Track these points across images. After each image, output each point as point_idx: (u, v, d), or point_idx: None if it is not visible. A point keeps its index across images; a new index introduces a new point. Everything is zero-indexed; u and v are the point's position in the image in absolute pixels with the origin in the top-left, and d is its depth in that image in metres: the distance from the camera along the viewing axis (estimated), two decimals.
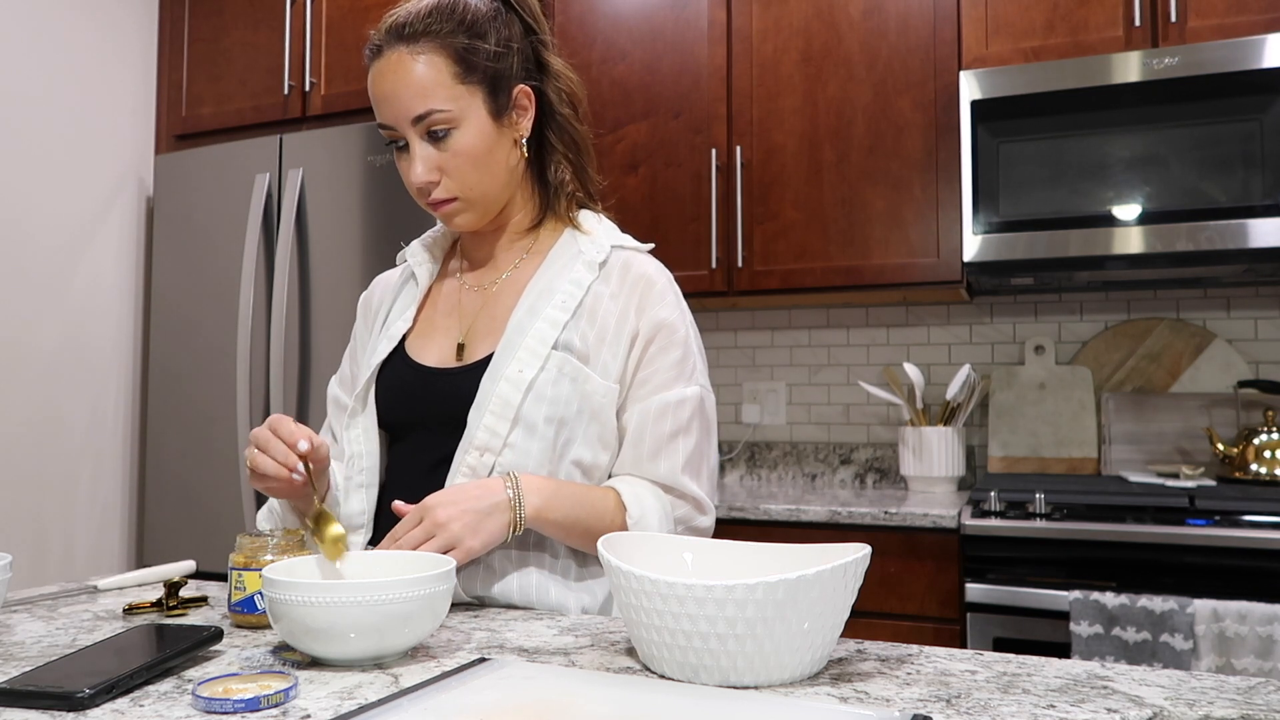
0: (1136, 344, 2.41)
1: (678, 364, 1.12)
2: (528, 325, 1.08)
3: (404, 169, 1.11)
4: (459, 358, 1.13)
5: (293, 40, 2.68)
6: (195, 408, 2.61)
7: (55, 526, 2.59)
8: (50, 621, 0.95)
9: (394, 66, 1.07)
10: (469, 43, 1.07)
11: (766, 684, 0.71)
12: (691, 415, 1.12)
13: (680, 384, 1.12)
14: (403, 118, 1.07)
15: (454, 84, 1.06)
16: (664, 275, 1.17)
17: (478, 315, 1.15)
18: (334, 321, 2.43)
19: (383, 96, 1.08)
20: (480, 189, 1.10)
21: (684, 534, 1.12)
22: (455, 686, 0.70)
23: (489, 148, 1.09)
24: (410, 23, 1.06)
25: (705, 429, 1.14)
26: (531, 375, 1.05)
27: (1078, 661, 0.78)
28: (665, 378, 1.12)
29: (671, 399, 1.11)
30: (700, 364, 1.16)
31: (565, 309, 1.09)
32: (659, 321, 1.12)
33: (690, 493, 1.12)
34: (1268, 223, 1.93)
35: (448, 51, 1.06)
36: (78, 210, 2.67)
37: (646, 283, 1.13)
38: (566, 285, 1.11)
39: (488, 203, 1.12)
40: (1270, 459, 2.10)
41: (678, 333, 1.13)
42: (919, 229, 2.28)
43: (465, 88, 1.07)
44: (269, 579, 0.77)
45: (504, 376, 1.06)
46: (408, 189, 1.12)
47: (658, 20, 2.53)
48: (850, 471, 2.66)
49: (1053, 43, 2.16)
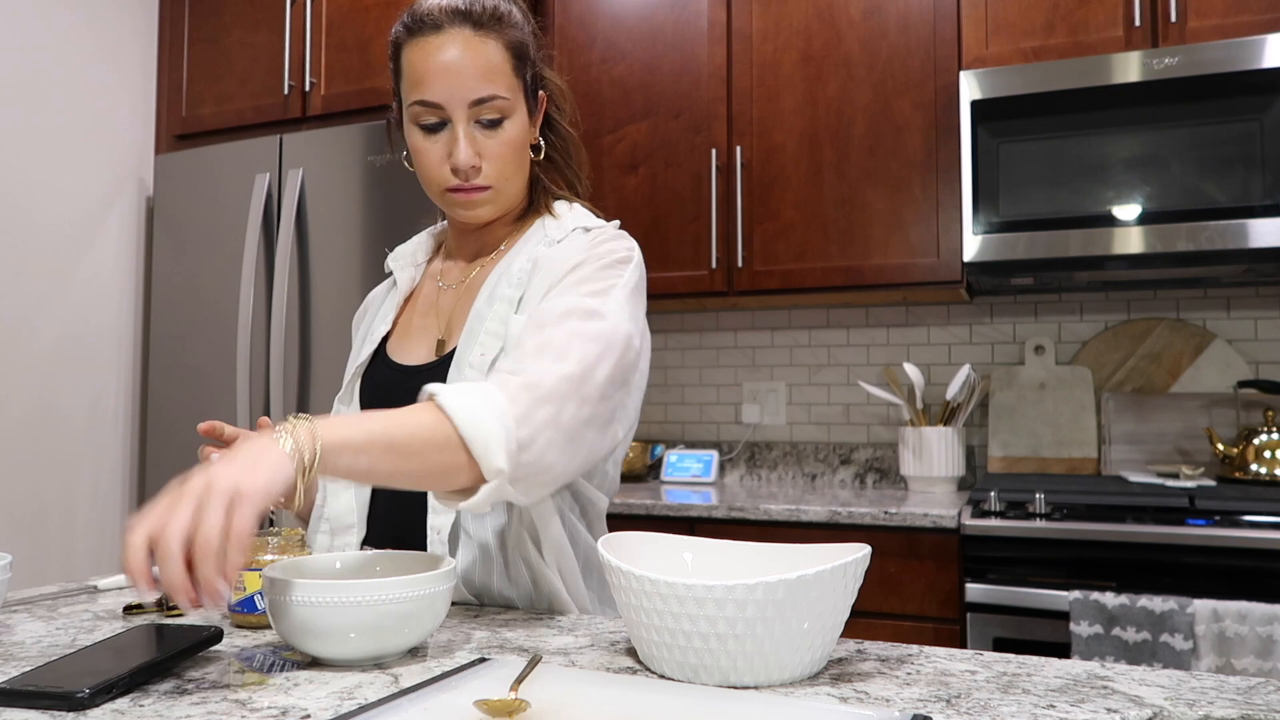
0: (1136, 344, 2.41)
1: (585, 282, 1.01)
2: (486, 311, 1.08)
3: (434, 151, 1.09)
4: (438, 354, 1.13)
5: (293, 40, 2.68)
6: (195, 408, 2.61)
7: (55, 526, 2.59)
8: (50, 621, 0.95)
9: (461, 45, 1.06)
10: (523, 40, 1.10)
11: (766, 684, 0.71)
12: (566, 313, 0.97)
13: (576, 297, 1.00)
14: (461, 97, 1.06)
15: (513, 76, 1.09)
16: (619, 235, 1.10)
17: (453, 311, 1.16)
18: (334, 321, 2.43)
19: (440, 70, 1.06)
20: (512, 181, 1.12)
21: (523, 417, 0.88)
22: (455, 686, 0.70)
23: (525, 143, 1.13)
24: (474, 9, 1.07)
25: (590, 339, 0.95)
26: (493, 355, 1.04)
27: (1078, 661, 0.78)
28: (566, 291, 1.01)
29: (549, 304, 0.99)
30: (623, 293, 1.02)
31: (518, 285, 1.08)
32: (586, 257, 1.05)
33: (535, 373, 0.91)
34: (1268, 223, 1.93)
35: (509, 44, 1.09)
36: (78, 210, 2.67)
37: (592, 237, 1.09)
38: (522, 263, 1.10)
39: (511, 196, 1.14)
40: (1270, 459, 2.10)
41: (602, 261, 1.04)
42: (919, 229, 2.28)
43: (518, 81, 1.10)
44: (269, 579, 0.77)
45: (468, 363, 1.05)
46: (430, 172, 1.10)
47: (658, 20, 2.53)
48: (850, 471, 2.66)
49: (1053, 43, 2.16)
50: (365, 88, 2.59)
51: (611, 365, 0.96)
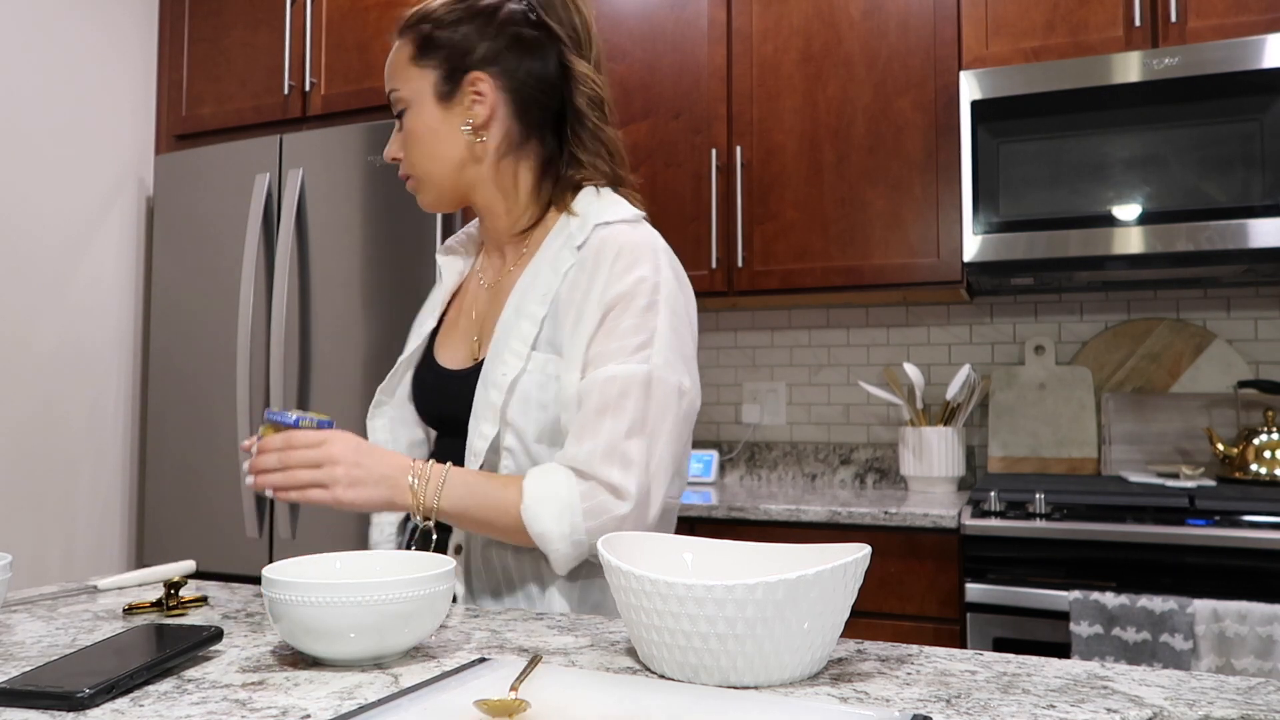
0: (1136, 344, 2.41)
1: (626, 335, 1.03)
2: (513, 325, 1.09)
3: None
4: (473, 359, 1.16)
5: (293, 40, 2.68)
6: (195, 408, 2.61)
7: (55, 526, 2.59)
8: (50, 621, 0.95)
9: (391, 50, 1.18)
10: (430, 30, 1.13)
11: (766, 684, 0.71)
12: (623, 394, 1.01)
13: (621, 359, 1.02)
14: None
15: (409, 66, 1.14)
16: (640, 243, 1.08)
17: (486, 314, 1.18)
18: (334, 321, 2.43)
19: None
20: (425, 169, 1.15)
21: (596, 528, 1.00)
22: (455, 686, 0.70)
23: (433, 129, 1.14)
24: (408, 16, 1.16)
25: (645, 412, 1.01)
26: (514, 376, 1.06)
27: (1078, 661, 0.78)
28: (610, 351, 1.03)
29: (602, 375, 1.02)
30: (663, 340, 1.04)
31: (544, 302, 1.09)
32: (618, 293, 1.04)
33: (606, 480, 1.00)
34: (1268, 223, 1.93)
35: (411, 36, 1.14)
36: (78, 210, 2.67)
37: (614, 255, 1.06)
38: (547, 275, 1.10)
39: (440, 184, 1.16)
40: (1270, 459, 2.09)
41: (635, 301, 1.04)
42: (919, 229, 2.28)
43: (417, 69, 1.14)
44: (268, 579, 0.77)
45: (491, 382, 1.07)
46: None
47: (658, 20, 2.53)
48: (850, 471, 2.66)
49: (1053, 43, 2.16)
50: (365, 88, 2.59)
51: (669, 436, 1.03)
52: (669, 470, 1.04)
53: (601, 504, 1.00)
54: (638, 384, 1.01)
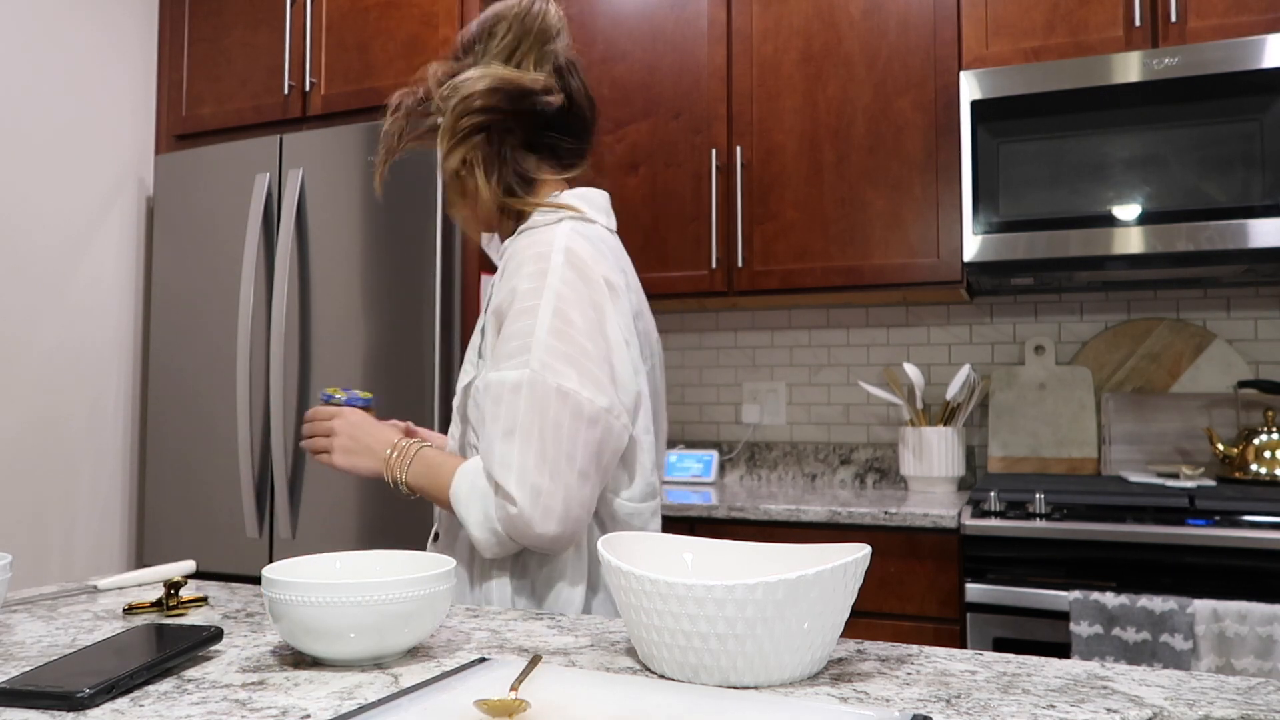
0: (1136, 344, 2.41)
1: (507, 341, 1.06)
2: (475, 335, 1.20)
3: None
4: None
5: (293, 40, 2.68)
6: (195, 408, 2.61)
7: (55, 526, 2.59)
8: (50, 621, 0.95)
9: None
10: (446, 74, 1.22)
11: (766, 684, 0.71)
12: (497, 399, 1.04)
13: (498, 365, 1.06)
14: None
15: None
16: (532, 249, 1.08)
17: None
18: (334, 321, 2.43)
19: None
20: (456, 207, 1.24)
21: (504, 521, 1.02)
22: (455, 686, 0.70)
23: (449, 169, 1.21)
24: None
25: (517, 415, 1.02)
26: (465, 382, 1.16)
27: (1078, 662, 0.78)
28: (497, 357, 1.07)
29: (483, 383, 1.08)
30: (542, 345, 1.03)
31: (485, 313, 1.17)
32: (500, 302, 1.09)
33: (497, 481, 1.03)
34: (1268, 223, 1.93)
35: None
36: (78, 210, 2.67)
37: (515, 264, 1.09)
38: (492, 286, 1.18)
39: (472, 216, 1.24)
40: (1270, 459, 2.09)
41: (516, 305, 1.06)
42: (919, 229, 2.28)
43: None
44: (268, 579, 0.77)
45: (459, 387, 1.19)
46: None
47: (658, 20, 2.53)
48: (850, 471, 2.66)
49: (1053, 43, 2.16)
50: (365, 88, 2.59)
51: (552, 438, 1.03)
52: (565, 471, 1.02)
53: (499, 503, 1.04)
54: (509, 389, 1.04)
